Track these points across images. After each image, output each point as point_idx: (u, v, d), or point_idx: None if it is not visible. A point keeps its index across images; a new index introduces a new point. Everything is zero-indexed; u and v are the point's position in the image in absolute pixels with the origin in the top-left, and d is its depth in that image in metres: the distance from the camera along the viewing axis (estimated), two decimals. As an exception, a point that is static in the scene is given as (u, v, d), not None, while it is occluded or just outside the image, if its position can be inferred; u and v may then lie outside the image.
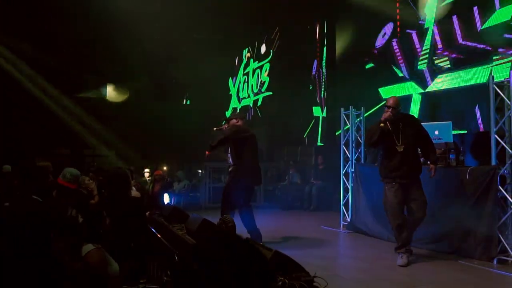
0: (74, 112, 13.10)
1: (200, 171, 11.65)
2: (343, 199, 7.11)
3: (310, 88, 11.45)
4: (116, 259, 3.11)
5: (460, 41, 7.06)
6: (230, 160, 5.69)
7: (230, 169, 5.74)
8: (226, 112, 15.34)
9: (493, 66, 6.45)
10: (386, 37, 8.72)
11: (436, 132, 5.54)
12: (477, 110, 6.67)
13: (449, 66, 7.28)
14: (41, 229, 1.84)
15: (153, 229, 3.98)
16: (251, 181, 5.65)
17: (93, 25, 11.58)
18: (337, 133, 9.22)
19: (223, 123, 6.01)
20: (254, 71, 14.24)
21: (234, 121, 5.77)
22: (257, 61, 14.08)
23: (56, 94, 12.98)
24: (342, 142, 7.14)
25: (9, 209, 2.05)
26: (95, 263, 2.81)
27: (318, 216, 8.48)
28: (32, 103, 12.44)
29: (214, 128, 5.95)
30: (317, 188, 9.63)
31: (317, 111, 11.16)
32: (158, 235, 3.82)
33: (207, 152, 5.56)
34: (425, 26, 7.76)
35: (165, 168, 8.66)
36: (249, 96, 14.47)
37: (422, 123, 5.11)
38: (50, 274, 1.80)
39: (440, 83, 7.44)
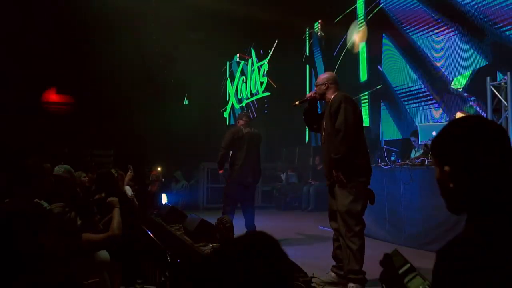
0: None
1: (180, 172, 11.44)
2: (341, 200, 7.11)
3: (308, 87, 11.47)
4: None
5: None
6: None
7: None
8: (224, 113, 15.33)
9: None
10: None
11: (434, 133, 5.55)
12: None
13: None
14: (40, 230, 1.84)
15: (147, 229, 3.99)
16: (242, 180, 5.88)
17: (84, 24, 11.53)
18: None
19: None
20: (252, 71, 14.24)
21: (241, 122, 6.04)
22: (255, 62, 14.07)
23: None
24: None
25: (7, 209, 2.04)
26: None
27: (315, 217, 8.48)
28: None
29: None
30: (315, 189, 9.64)
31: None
32: (152, 235, 3.83)
33: (220, 171, 6.10)
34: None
35: (159, 168, 8.64)
36: (247, 97, 14.46)
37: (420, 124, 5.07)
38: (49, 275, 1.80)
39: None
